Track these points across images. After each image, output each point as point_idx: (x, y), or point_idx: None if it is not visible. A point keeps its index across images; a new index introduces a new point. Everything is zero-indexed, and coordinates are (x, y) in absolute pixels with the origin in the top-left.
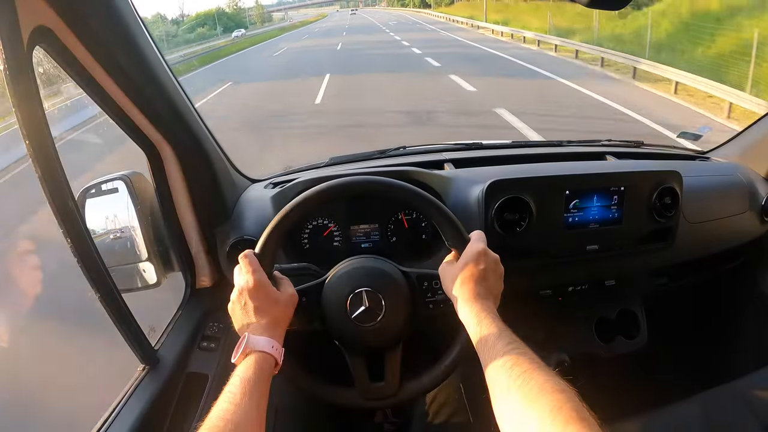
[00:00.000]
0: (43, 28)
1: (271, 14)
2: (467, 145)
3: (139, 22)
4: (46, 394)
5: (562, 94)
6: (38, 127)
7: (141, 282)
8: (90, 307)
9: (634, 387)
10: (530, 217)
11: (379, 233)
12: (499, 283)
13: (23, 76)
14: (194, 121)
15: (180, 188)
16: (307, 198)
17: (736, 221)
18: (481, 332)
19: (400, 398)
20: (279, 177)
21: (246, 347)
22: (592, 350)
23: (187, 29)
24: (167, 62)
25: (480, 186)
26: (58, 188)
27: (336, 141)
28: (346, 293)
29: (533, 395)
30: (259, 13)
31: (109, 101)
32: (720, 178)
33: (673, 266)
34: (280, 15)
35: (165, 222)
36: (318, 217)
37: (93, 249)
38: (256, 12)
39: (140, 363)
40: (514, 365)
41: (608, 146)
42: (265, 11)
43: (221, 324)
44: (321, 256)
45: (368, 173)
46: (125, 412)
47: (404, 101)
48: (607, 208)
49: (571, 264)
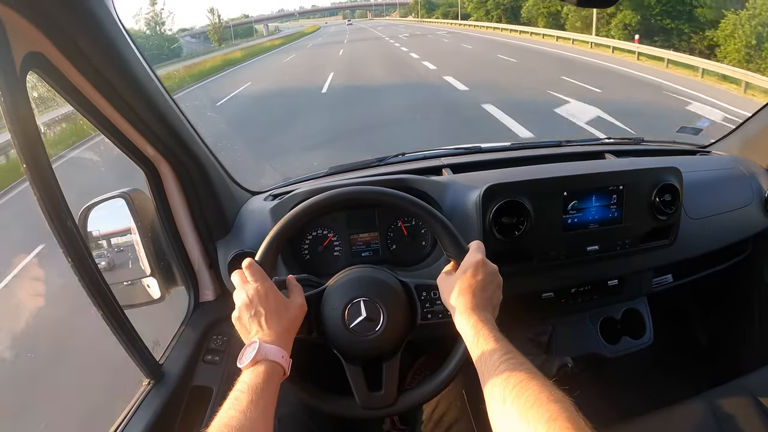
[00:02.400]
0: (35, 54)
1: (255, 27)
2: (466, 149)
3: (129, 42)
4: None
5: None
6: (35, 150)
7: (145, 297)
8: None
9: (641, 386)
10: (528, 221)
11: (379, 242)
12: (497, 293)
13: (18, 101)
14: (190, 136)
15: (179, 204)
16: (305, 209)
17: (738, 215)
18: (479, 343)
19: (397, 408)
20: (278, 188)
21: (257, 355)
22: (597, 351)
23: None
24: (160, 80)
25: (477, 191)
26: (57, 209)
27: None
28: (344, 303)
29: (528, 406)
30: (216, 28)
31: (104, 121)
32: (721, 172)
33: (677, 263)
34: (274, 25)
35: (166, 237)
36: (317, 227)
37: (94, 267)
38: (212, 28)
39: (145, 377)
40: (509, 376)
41: (607, 144)
42: (233, 26)
43: (225, 337)
44: (322, 266)
45: (367, 182)
46: (131, 426)
47: None
48: (607, 208)
49: (573, 265)
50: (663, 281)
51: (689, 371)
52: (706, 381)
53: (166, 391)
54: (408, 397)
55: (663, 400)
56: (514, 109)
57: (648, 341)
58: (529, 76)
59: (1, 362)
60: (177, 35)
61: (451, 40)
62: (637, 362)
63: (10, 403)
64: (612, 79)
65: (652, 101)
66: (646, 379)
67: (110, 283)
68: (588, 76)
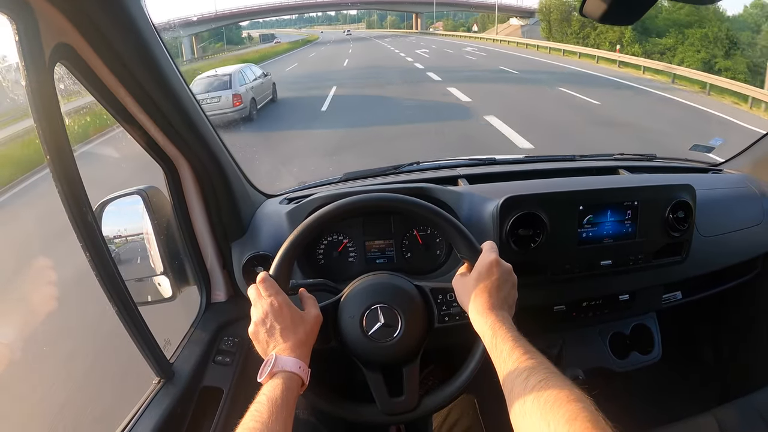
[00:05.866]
0: (64, 45)
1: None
2: (481, 161)
3: (158, 38)
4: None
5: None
6: (59, 142)
7: (156, 295)
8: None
9: (649, 402)
10: (544, 233)
11: (393, 249)
12: (513, 292)
13: (45, 92)
14: (211, 137)
15: (196, 203)
16: (321, 216)
17: (749, 233)
18: (497, 343)
19: (420, 412)
20: (294, 192)
21: (274, 367)
22: (606, 365)
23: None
24: (185, 79)
25: (494, 202)
26: (78, 202)
27: None
28: (362, 310)
29: (549, 405)
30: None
31: (128, 117)
32: (733, 191)
33: (687, 280)
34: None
35: (181, 236)
36: (333, 233)
37: (111, 262)
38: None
39: (155, 376)
40: (529, 375)
41: (621, 160)
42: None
43: (236, 338)
44: (336, 272)
45: (382, 189)
46: (141, 424)
47: None
48: (621, 223)
49: (585, 279)
50: (672, 298)
51: (697, 388)
52: (714, 398)
53: (176, 391)
54: (429, 401)
55: (671, 416)
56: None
57: (657, 357)
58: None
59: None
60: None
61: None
62: (645, 378)
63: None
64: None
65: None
66: (655, 394)
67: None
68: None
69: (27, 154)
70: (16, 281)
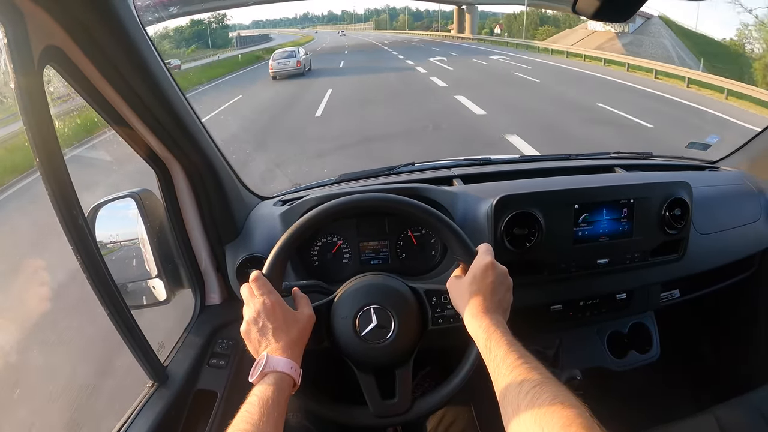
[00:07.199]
0: (53, 48)
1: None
2: (476, 161)
3: (147, 41)
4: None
5: None
6: (49, 144)
7: (151, 299)
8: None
9: (648, 401)
10: (540, 232)
11: (388, 250)
12: (507, 295)
13: (34, 94)
14: (204, 139)
15: (190, 206)
16: (315, 216)
17: (747, 230)
18: (491, 347)
19: (412, 415)
20: (288, 194)
21: (265, 367)
22: (604, 365)
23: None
24: (176, 80)
25: (489, 201)
26: (68, 206)
27: None
28: (355, 311)
29: (543, 411)
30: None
31: (119, 119)
32: (729, 188)
33: (685, 278)
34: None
35: (174, 239)
36: (327, 234)
37: (103, 266)
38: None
39: (149, 379)
40: (523, 380)
41: (617, 158)
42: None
43: (231, 341)
44: (330, 273)
45: (376, 190)
46: (134, 428)
47: None
48: (617, 221)
49: (582, 278)
50: (670, 296)
51: (696, 386)
52: (713, 396)
53: (169, 394)
54: (422, 404)
55: (670, 415)
56: None
57: (655, 356)
58: None
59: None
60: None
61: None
62: (643, 377)
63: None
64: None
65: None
66: (653, 393)
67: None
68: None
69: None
70: (6, 286)
